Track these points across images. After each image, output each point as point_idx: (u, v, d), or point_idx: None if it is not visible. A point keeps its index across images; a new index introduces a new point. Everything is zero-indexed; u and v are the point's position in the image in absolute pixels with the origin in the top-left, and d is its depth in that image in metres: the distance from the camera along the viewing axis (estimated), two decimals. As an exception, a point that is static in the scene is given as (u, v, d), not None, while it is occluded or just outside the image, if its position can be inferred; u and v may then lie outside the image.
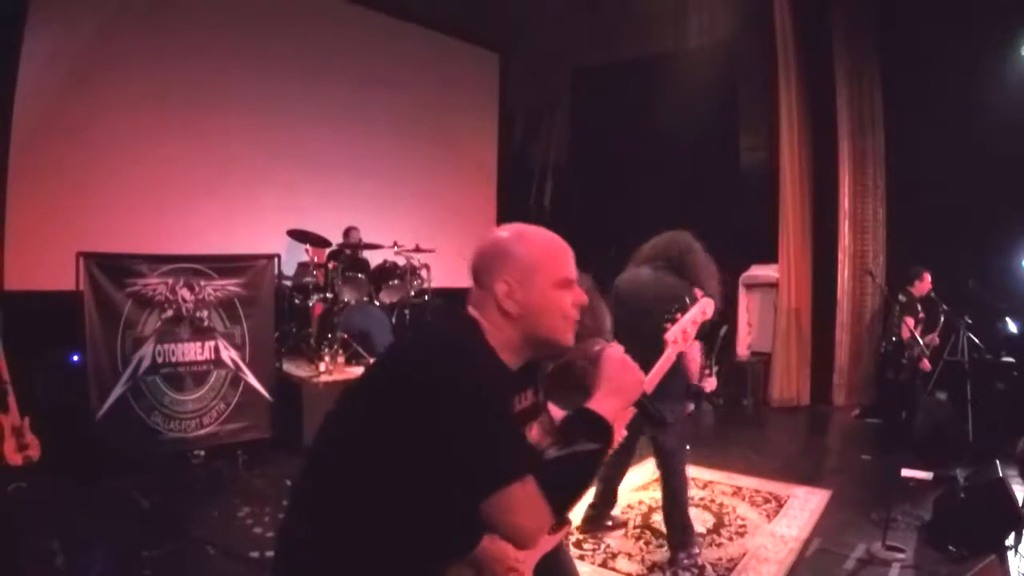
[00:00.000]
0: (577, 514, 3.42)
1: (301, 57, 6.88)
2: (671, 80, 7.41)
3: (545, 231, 1.39)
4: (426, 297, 6.47)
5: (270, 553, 3.15)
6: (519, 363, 1.37)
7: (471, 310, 1.35)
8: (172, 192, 5.94)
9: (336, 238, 6.30)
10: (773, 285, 6.94)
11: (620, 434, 1.61)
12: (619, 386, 1.33)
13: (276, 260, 5.01)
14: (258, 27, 6.53)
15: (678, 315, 1.86)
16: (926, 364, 5.33)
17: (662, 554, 3.27)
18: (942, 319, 5.49)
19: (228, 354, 4.65)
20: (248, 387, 4.74)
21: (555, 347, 1.36)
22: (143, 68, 5.70)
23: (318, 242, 5.92)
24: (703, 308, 1.86)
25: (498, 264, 1.32)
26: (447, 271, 6.87)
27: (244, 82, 6.43)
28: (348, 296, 5.83)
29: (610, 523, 3.55)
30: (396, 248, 6.42)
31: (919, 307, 5.52)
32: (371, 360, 5.43)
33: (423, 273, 6.53)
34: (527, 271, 1.30)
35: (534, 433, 1.78)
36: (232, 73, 6.33)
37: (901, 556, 3.18)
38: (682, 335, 1.79)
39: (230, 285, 4.66)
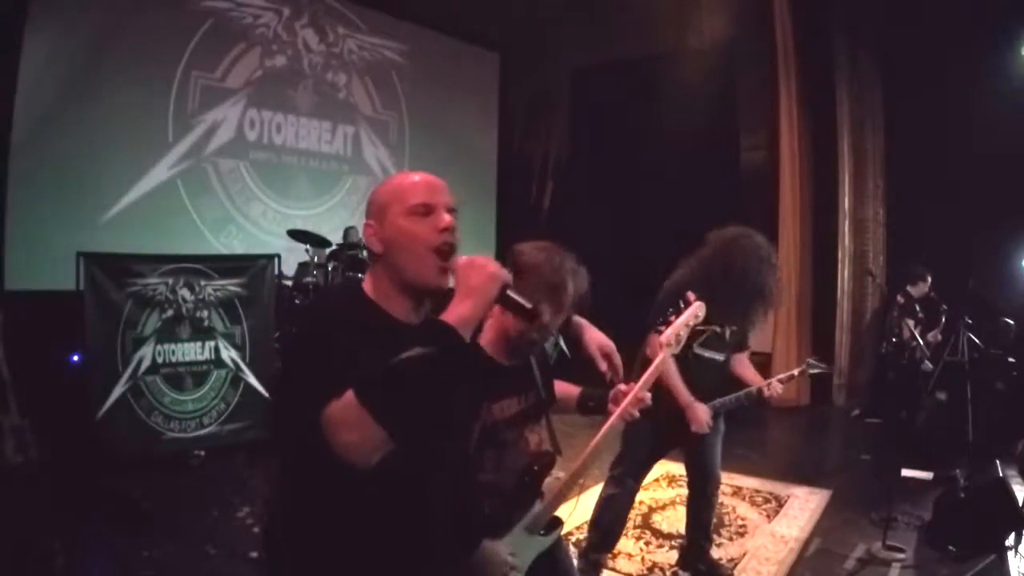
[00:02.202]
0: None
1: (301, 56, 6.89)
2: (671, 80, 7.40)
3: (415, 172, 1.37)
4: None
5: (270, 553, 3.16)
6: (413, 312, 1.30)
7: None
8: (172, 192, 5.95)
9: (336, 238, 6.30)
10: (773, 285, 6.93)
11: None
12: (467, 287, 1.20)
13: (276, 260, 5.01)
14: (258, 27, 6.54)
15: (672, 317, 1.84)
16: (927, 365, 5.34)
17: (662, 554, 3.28)
18: (943, 319, 5.49)
19: (228, 354, 4.65)
20: (248, 387, 4.73)
21: (425, 286, 1.28)
22: (143, 67, 5.70)
23: (318, 242, 5.92)
24: (695, 311, 1.82)
25: (366, 212, 1.34)
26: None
27: (244, 81, 6.44)
28: (348, 296, 5.82)
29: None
30: (396, 248, 6.41)
31: (918, 308, 5.52)
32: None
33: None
34: (382, 206, 1.30)
35: (529, 441, 1.78)
36: (232, 72, 6.34)
37: (901, 556, 3.18)
38: (675, 338, 1.78)
39: (230, 285, 4.66)
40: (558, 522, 1.81)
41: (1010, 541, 3.11)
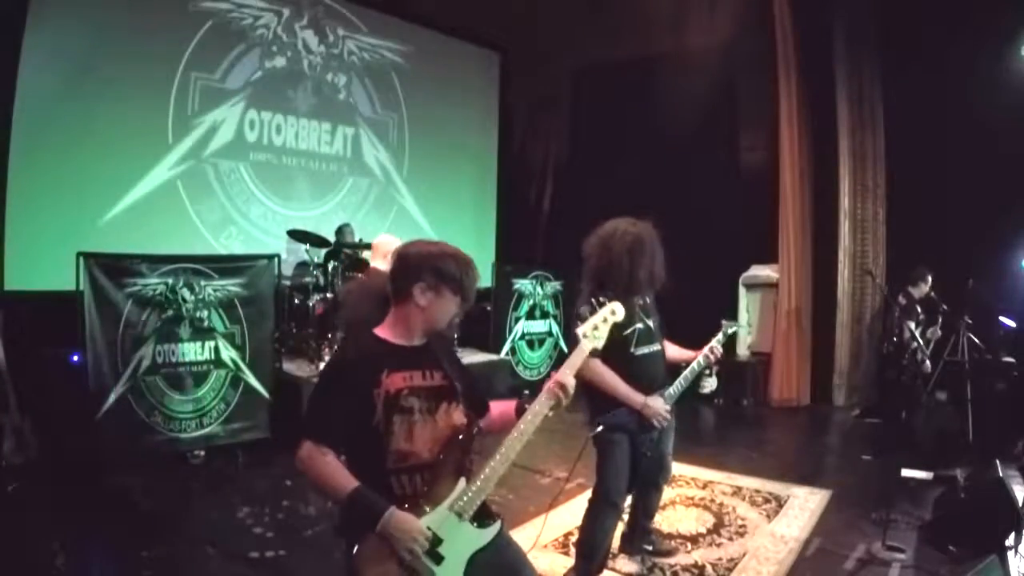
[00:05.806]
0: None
1: (301, 57, 6.90)
2: (671, 80, 7.40)
3: None
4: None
5: (270, 553, 3.16)
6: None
7: None
8: (172, 192, 5.95)
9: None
10: (773, 285, 6.94)
11: None
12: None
13: (276, 260, 5.01)
14: (258, 28, 6.54)
15: (588, 314, 2.09)
16: (927, 365, 5.35)
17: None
18: (940, 320, 5.49)
19: (228, 354, 4.65)
20: (248, 387, 4.73)
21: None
22: (143, 67, 5.70)
23: (318, 242, 5.92)
24: (612, 309, 1.98)
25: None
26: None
27: (244, 80, 6.43)
28: (348, 296, 5.82)
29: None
30: (396, 248, 6.41)
31: (919, 308, 5.51)
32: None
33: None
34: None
35: (443, 419, 1.81)
36: (232, 73, 6.34)
37: (901, 556, 3.18)
38: (591, 329, 1.93)
39: (230, 285, 4.65)
40: (493, 516, 1.79)
41: (1010, 541, 3.12)
